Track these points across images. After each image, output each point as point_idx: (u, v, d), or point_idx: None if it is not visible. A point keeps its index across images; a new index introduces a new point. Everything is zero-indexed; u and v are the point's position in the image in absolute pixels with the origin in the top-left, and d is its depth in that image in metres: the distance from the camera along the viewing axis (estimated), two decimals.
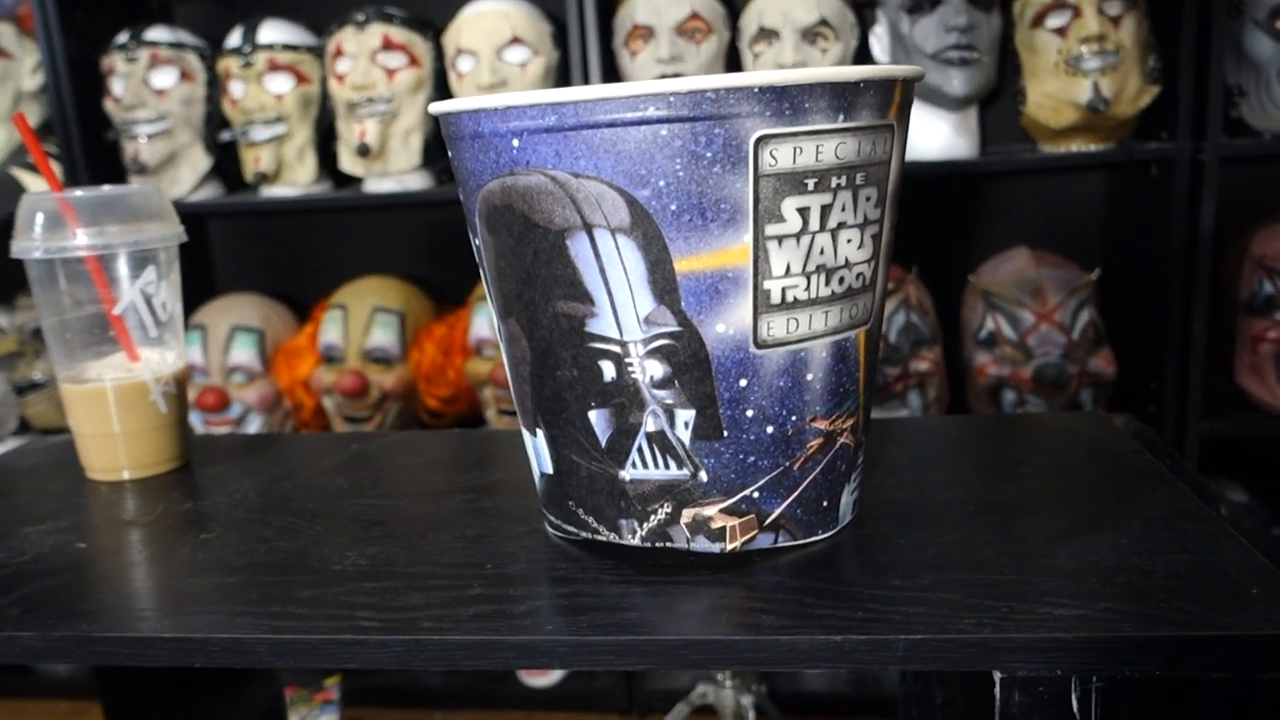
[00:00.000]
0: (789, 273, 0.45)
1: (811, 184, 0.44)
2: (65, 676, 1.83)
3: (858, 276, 0.47)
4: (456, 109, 0.46)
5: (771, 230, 0.44)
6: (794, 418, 0.47)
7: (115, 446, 0.67)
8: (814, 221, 0.44)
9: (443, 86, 1.56)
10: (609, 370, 0.46)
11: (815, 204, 0.44)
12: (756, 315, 0.45)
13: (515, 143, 0.44)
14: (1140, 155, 1.42)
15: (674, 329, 0.45)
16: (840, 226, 0.45)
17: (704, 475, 0.47)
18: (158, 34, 1.59)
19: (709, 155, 0.42)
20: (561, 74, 1.56)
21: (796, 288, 0.45)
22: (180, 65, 1.59)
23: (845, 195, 0.45)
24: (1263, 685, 0.41)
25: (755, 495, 0.48)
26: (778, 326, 0.45)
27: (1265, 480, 1.59)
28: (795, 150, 0.43)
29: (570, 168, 0.43)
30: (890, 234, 0.49)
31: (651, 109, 0.42)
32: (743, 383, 0.46)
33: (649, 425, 0.47)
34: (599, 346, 0.46)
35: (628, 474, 0.48)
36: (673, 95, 0.41)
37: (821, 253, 0.45)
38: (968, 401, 1.56)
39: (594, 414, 0.47)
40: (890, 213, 0.48)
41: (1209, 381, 1.44)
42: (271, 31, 1.57)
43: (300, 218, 1.85)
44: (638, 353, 0.45)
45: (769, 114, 0.42)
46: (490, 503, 0.60)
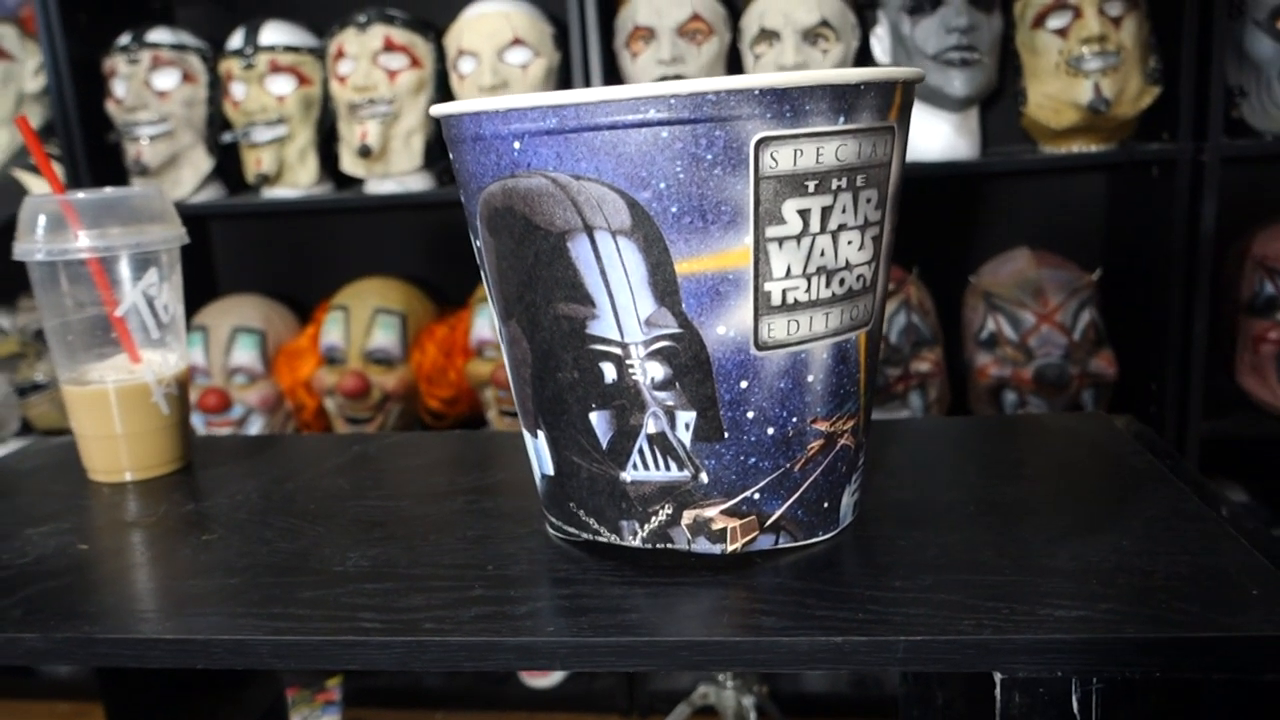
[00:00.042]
0: (789, 274, 0.45)
1: (812, 186, 0.44)
2: (67, 678, 1.83)
3: (858, 278, 0.47)
4: (457, 111, 0.46)
5: (772, 232, 0.44)
6: (795, 419, 0.47)
7: (117, 448, 0.67)
8: (814, 223, 0.44)
9: (444, 88, 1.56)
10: (610, 372, 0.46)
11: (816, 206, 0.44)
12: (757, 317, 0.45)
13: (516, 145, 0.44)
14: (1141, 156, 1.42)
15: (675, 331, 0.45)
16: (841, 228, 0.45)
17: (705, 477, 0.47)
18: (159, 36, 1.59)
19: (709, 157, 0.42)
20: (563, 75, 1.56)
21: (797, 289, 0.45)
22: (182, 67, 1.59)
23: (846, 197, 0.45)
24: (1263, 686, 0.41)
25: (756, 497, 0.48)
26: (778, 328, 0.45)
27: (1266, 480, 1.59)
28: (796, 152, 0.43)
29: (571, 170, 0.44)
30: (891, 235, 0.49)
31: (652, 111, 0.42)
32: (743, 384, 0.46)
33: (650, 427, 0.47)
34: (600, 348, 0.46)
35: (628, 475, 0.48)
36: (673, 97, 0.42)
37: (822, 254, 0.45)
38: (969, 402, 1.56)
39: (595, 415, 0.48)
40: (891, 214, 0.48)
41: (1210, 382, 1.44)
42: (273, 33, 1.57)
43: (302, 219, 1.85)
44: (638, 354, 0.46)
45: (769, 116, 0.42)
46: (491, 504, 0.60)
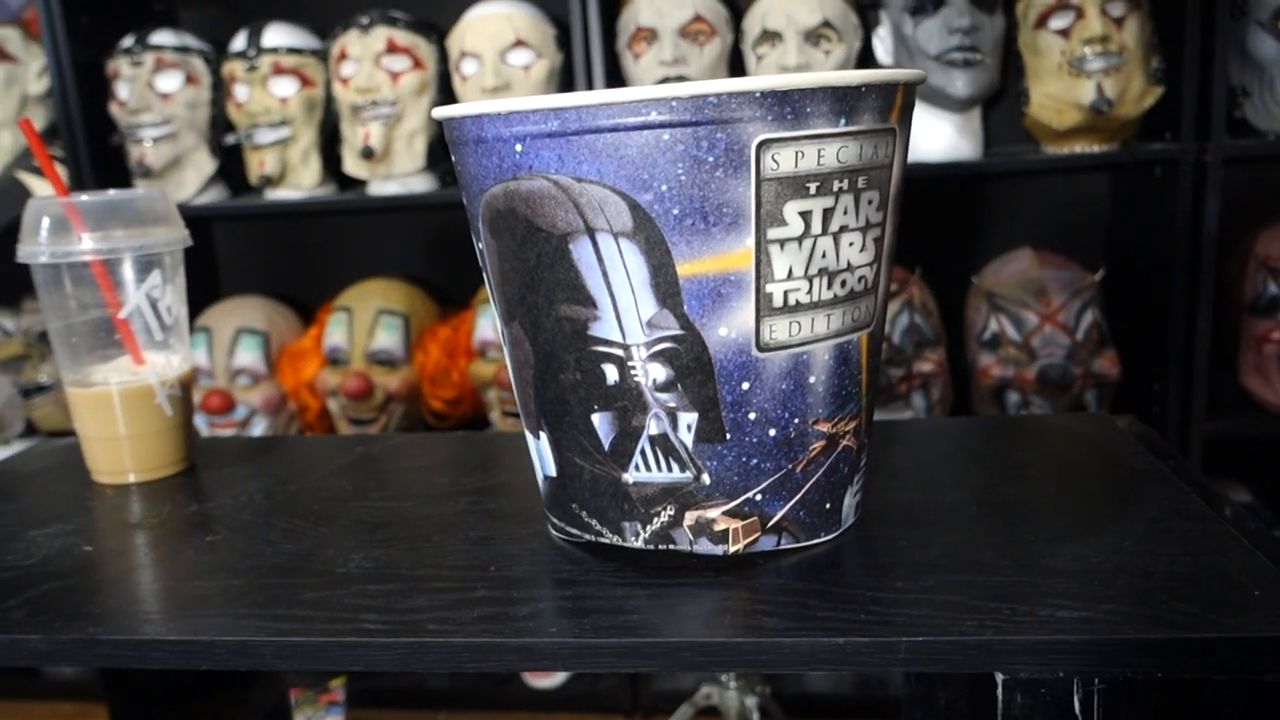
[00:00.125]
0: (791, 276, 0.45)
1: (813, 188, 0.44)
2: (71, 678, 1.83)
3: (860, 279, 0.47)
4: (459, 114, 0.46)
5: (773, 234, 0.44)
6: (796, 420, 0.47)
7: (121, 449, 0.67)
8: (816, 225, 0.45)
9: (447, 89, 1.57)
10: (612, 373, 0.46)
11: (817, 207, 0.44)
12: (759, 318, 0.45)
13: (518, 147, 0.44)
14: (1144, 156, 1.42)
15: (676, 332, 0.45)
16: (842, 230, 0.45)
17: (707, 478, 0.47)
18: (162, 38, 1.59)
19: (711, 159, 0.42)
20: (565, 76, 1.56)
21: (799, 291, 0.45)
22: (185, 69, 1.59)
23: (847, 199, 0.45)
24: (1265, 687, 0.41)
25: (758, 498, 0.48)
26: (780, 329, 0.45)
27: (1269, 481, 1.59)
28: (797, 154, 0.43)
29: (573, 172, 0.44)
30: (892, 237, 0.49)
31: (654, 114, 0.42)
32: (745, 386, 0.46)
33: (652, 428, 0.47)
34: (602, 350, 0.46)
35: (630, 476, 0.48)
36: (675, 100, 0.42)
37: (823, 256, 0.45)
38: (971, 403, 1.56)
39: (597, 417, 0.48)
40: (892, 215, 0.48)
41: (1213, 382, 1.44)
42: (276, 35, 1.57)
43: (305, 220, 1.86)
44: (640, 356, 0.46)
45: (770, 118, 0.42)
46: (494, 505, 0.60)
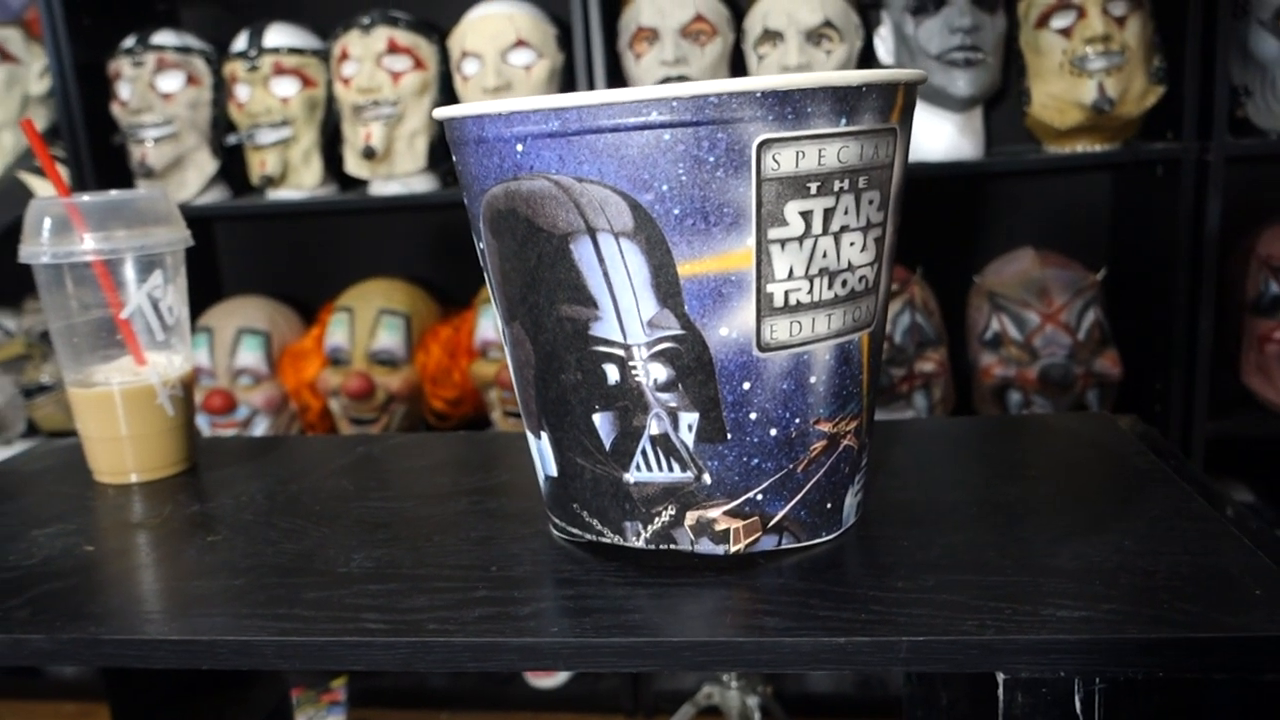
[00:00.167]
0: (792, 276, 0.45)
1: (814, 188, 0.44)
2: (73, 678, 1.84)
3: (860, 279, 0.47)
4: (460, 114, 0.46)
5: (774, 234, 0.44)
6: (797, 420, 0.47)
7: (122, 450, 0.67)
8: (816, 225, 0.45)
9: (448, 89, 1.57)
10: (613, 373, 0.46)
11: (818, 207, 0.44)
12: (759, 318, 0.45)
13: (519, 148, 0.44)
14: (1146, 155, 1.41)
15: (677, 332, 0.45)
16: (843, 230, 0.45)
17: (708, 478, 0.47)
18: (164, 38, 1.59)
19: (712, 159, 0.42)
20: (566, 76, 1.56)
21: (799, 291, 0.45)
22: (186, 69, 1.59)
23: (848, 199, 0.45)
24: (1266, 687, 0.41)
25: (759, 497, 0.48)
26: (781, 329, 0.45)
27: (1271, 480, 1.59)
28: (798, 154, 0.43)
29: (574, 172, 0.44)
30: (893, 237, 0.49)
31: (654, 114, 0.42)
32: (746, 385, 0.46)
33: (653, 428, 0.47)
34: (603, 350, 0.46)
35: (632, 476, 0.48)
36: (675, 100, 0.42)
37: (824, 256, 0.45)
38: (973, 402, 1.56)
39: (598, 417, 0.48)
40: (893, 215, 0.48)
41: (1215, 382, 1.44)
42: (277, 35, 1.58)
43: (306, 220, 1.86)
44: (641, 356, 0.46)
45: (771, 118, 0.42)
46: (495, 505, 0.60)
